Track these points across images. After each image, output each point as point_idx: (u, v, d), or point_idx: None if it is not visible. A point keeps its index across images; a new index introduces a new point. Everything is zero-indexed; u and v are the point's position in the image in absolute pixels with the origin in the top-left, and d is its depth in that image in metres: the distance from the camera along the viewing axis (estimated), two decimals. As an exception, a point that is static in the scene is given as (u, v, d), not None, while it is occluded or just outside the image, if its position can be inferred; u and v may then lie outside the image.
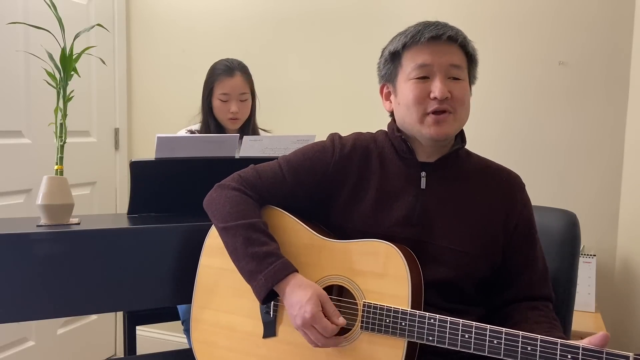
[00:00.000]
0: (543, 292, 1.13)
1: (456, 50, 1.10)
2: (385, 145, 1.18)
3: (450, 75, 1.09)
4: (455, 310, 1.08)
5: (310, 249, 1.13)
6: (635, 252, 1.88)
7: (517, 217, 1.13)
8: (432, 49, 1.08)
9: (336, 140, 1.19)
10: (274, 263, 1.06)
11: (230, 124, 2.04)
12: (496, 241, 1.12)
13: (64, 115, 1.37)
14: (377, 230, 1.11)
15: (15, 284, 1.22)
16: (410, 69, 1.10)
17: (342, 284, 1.09)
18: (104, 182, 2.67)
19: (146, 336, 2.61)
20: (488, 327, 0.93)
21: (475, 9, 2.12)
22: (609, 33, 1.96)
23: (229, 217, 1.13)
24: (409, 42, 1.10)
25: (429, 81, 1.08)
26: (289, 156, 1.21)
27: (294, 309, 1.03)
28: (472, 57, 1.14)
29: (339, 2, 2.33)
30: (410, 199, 1.12)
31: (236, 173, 1.21)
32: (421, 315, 0.98)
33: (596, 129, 2.00)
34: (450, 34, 1.08)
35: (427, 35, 1.08)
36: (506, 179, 1.17)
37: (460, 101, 1.09)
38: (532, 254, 1.14)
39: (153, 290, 1.34)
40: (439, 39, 1.08)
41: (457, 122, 1.11)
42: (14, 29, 2.11)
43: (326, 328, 1.01)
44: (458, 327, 0.95)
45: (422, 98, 1.08)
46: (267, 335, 1.13)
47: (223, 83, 2.00)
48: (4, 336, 2.17)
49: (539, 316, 1.07)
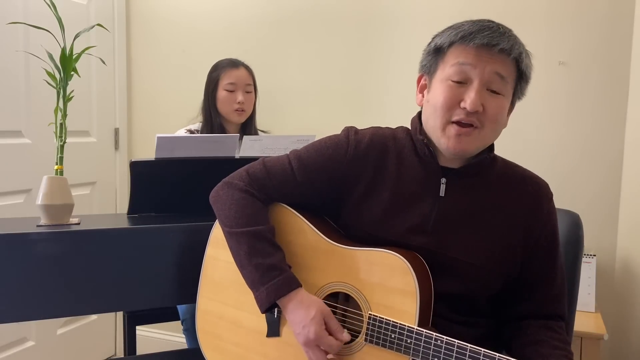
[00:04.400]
0: (557, 310, 1.08)
1: (506, 60, 1.00)
2: (405, 144, 1.10)
3: (490, 86, 0.99)
4: (464, 322, 1.04)
5: (318, 253, 1.10)
6: (635, 252, 1.88)
7: (539, 232, 1.07)
8: (479, 53, 0.99)
9: (351, 136, 1.11)
10: (277, 277, 1.03)
11: (235, 116, 2.03)
12: (514, 257, 1.06)
13: (64, 115, 1.37)
14: (387, 235, 1.06)
15: (15, 284, 1.22)
16: (450, 68, 1.01)
17: (348, 292, 1.06)
18: (104, 182, 2.67)
19: (146, 336, 2.61)
20: (497, 356, 0.88)
21: (474, 9, 2.12)
22: (609, 33, 1.96)
23: (235, 223, 1.09)
24: (458, 41, 1.01)
25: (464, 87, 1.00)
26: (299, 152, 1.14)
27: (297, 327, 1.02)
28: (524, 74, 1.04)
29: (339, 2, 2.33)
30: (426, 206, 1.05)
31: (244, 169, 1.16)
32: (428, 335, 0.94)
33: (596, 129, 2.00)
34: (503, 47, 0.97)
35: (477, 42, 0.98)
36: (532, 189, 1.08)
37: (491, 119, 1.00)
38: (551, 270, 1.08)
39: (153, 290, 1.34)
40: (491, 49, 0.98)
41: (481, 140, 1.02)
42: (14, 29, 2.11)
43: (331, 346, 0.99)
44: (466, 352, 0.90)
45: (452, 104, 1.00)
46: (271, 334, 1.12)
47: (229, 73, 2.01)
48: (4, 336, 2.17)
49: (554, 339, 1.02)
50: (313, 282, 1.09)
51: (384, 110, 2.25)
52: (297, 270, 1.09)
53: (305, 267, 1.09)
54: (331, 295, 1.09)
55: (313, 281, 1.09)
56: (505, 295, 1.09)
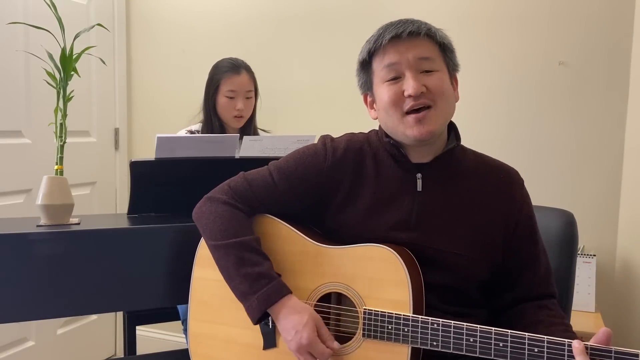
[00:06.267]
0: (548, 290, 1.11)
1: (423, 42, 1.06)
2: (379, 146, 1.14)
3: (421, 69, 1.05)
4: (457, 313, 1.06)
5: (305, 257, 1.10)
6: (635, 252, 1.88)
7: (517, 216, 1.10)
8: (396, 48, 1.05)
9: (328, 144, 1.15)
10: (267, 285, 1.04)
11: (234, 122, 2.03)
12: (496, 242, 1.09)
13: (64, 115, 1.36)
14: (373, 234, 1.08)
15: (15, 284, 1.21)
16: (380, 73, 1.08)
17: (340, 291, 1.06)
18: (104, 182, 2.67)
19: (146, 336, 2.61)
20: (493, 330, 0.91)
21: (474, 9, 2.12)
22: (609, 33, 1.96)
23: (220, 235, 1.10)
24: (373, 47, 1.08)
25: (401, 80, 1.05)
26: (279, 162, 1.17)
27: (289, 334, 1.02)
28: (444, 45, 1.08)
29: (339, 1, 2.33)
30: (407, 202, 1.09)
31: (225, 183, 1.18)
32: (424, 320, 0.96)
33: (596, 129, 2.00)
34: (411, 30, 1.04)
35: (387, 37, 1.05)
36: (504, 176, 1.13)
37: (438, 93, 1.05)
38: (534, 252, 1.12)
39: (153, 290, 1.34)
40: (400, 37, 1.04)
41: (441, 116, 1.06)
42: (14, 29, 2.11)
43: (323, 353, 1.00)
44: (463, 331, 0.93)
45: (398, 98, 1.05)
46: (268, 346, 1.11)
47: (230, 80, 1.99)
48: (4, 336, 2.17)
49: (551, 316, 1.05)
50: (304, 287, 1.09)
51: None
52: (287, 277, 1.09)
53: (294, 273, 1.09)
54: (324, 297, 1.09)
55: (304, 285, 1.09)
56: (495, 284, 1.12)
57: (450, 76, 1.10)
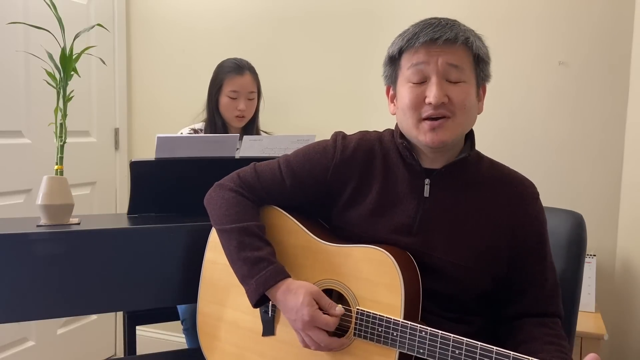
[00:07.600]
0: (550, 310, 1.08)
1: (457, 50, 1.02)
2: (391, 147, 1.13)
3: (448, 77, 1.02)
4: (455, 319, 1.05)
5: (307, 252, 1.12)
6: (635, 252, 1.88)
7: (525, 232, 1.07)
8: (428, 49, 1.02)
9: (338, 141, 1.15)
10: (266, 268, 1.05)
11: (236, 122, 2.04)
12: (501, 254, 1.06)
13: (64, 115, 1.37)
14: (375, 235, 1.08)
15: (15, 284, 1.22)
16: (406, 71, 1.05)
17: (336, 288, 1.08)
18: (104, 182, 2.67)
19: (146, 336, 2.61)
20: (479, 345, 0.89)
21: (475, 9, 2.12)
22: (609, 33, 1.96)
23: (225, 220, 1.13)
24: (405, 45, 1.05)
25: (425, 84, 1.03)
26: (289, 156, 1.18)
27: (291, 314, 1.03)
28: (479, 56, 1.05)
29: (339, 1, 2.33)
30: (412, 207, 1.08)
31: (236, 172, 1.21)
32: (412, 327, 0.95)
33: (596, 129, 2.00)
34: (448, 37, 1.01)
35: (422, 40, 1.02)
36: (518, 190, 1.09)
37: (459, 106, 1.02)
38: (539, 270, 1.08)
39: (153, 291, 1.34)
40: (436, 43, 1.01)
41: (457, 128, 1.04)
42: (14, 29, 2.11)
43: (328, 323, 1.00)
44: (449, 342, 0.91)
45: (418, 103, 1.03)
46: (266, 333, 1.14)
47: (233, 81, 2.01)
48: (4, 336, 2.17)
49: (548, 335, 1.02)
50: (304, 280, 1.10)
51: (385, 110, 2.24)
52: (288, 269, 1.10)
53: (295, 266, 1.11)
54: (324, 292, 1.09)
55: (304, 279, 1.10)
56: (498, 296, 1.10)
57: (478, 86, 1.07)
